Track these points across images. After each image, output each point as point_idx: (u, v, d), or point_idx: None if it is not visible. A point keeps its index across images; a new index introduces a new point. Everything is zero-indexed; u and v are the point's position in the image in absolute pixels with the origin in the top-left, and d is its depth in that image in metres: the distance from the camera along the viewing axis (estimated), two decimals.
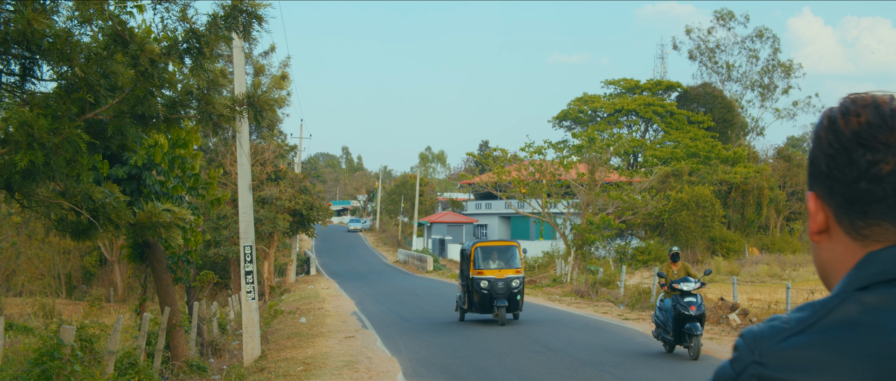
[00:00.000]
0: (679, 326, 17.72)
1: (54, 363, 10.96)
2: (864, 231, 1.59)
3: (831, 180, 1.62)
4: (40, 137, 9.27)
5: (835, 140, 1.62)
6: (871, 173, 1.55)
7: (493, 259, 26.66)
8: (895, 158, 1.54)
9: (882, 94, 1.64)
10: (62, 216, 11.76)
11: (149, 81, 9.85)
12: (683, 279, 18.32)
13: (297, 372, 16.09)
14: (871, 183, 1.56)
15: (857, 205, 1.58)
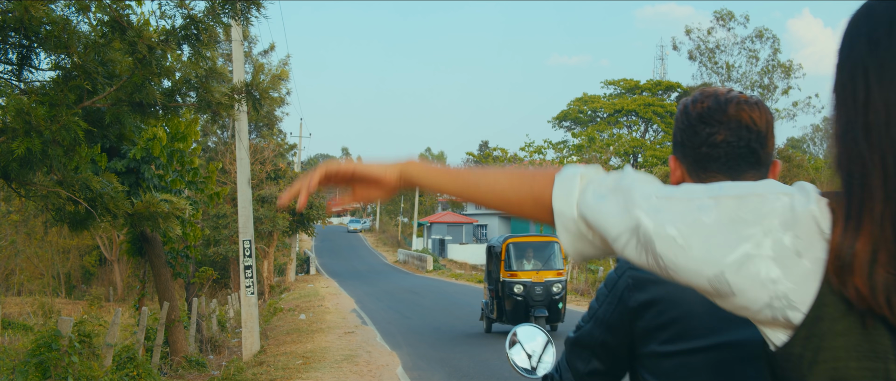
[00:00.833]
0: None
1: (52, 355, 10.88)
2: (705, 181, 2.17)
3: (684, 147, 2.27)
4: (38, 125, 9.20)
5: (686, 119, 2.28)
6: (709, 141, 2.21)
7: (528, 258, 22.24)
8: (726, 131, 2.20)
9: (721, 87, 2.30)
10: (60, 206, 11.69)
11: (147, 69, 9.78)
12: None
13: (296, 366, 16.04)
14: (709, 148, 2.22)
15: (700, 163, 2.23)
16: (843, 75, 1.58)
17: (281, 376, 14.96)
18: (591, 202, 1.67)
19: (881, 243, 1.42)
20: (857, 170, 1.49)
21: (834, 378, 1.46)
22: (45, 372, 10.79)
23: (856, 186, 1.48)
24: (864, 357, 1.44)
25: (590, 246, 1.72)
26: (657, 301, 2.16)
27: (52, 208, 11.92)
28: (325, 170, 1.97)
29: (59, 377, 10.79)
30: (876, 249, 1.43)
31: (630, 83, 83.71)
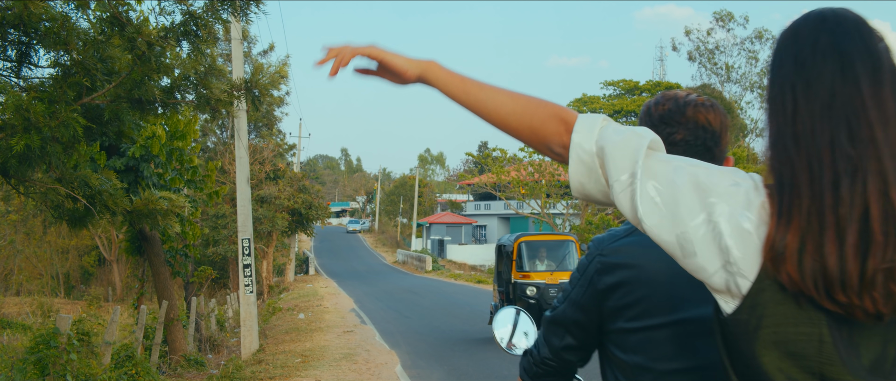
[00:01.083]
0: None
1: (50, 352, 10.87)
2: None
3: None
4: (36, 121, 9.19)
5: (649, 120, 2.55)
6: (669, 140, 2.48)
7: (541, 258, 20.72)
8: (684, 131, 2.50)
9: (681, 91, 2.58)
10: (59, 203, 11.67)
11: (146, 66, 9.76)
12: None
13: (295, 364, 16.02)
14: (669, 146, 2.46)
15: None
16: (774, 90, 1.90)
17: (280, 374, 14.94)
18: (611, 136, 1.93)
19: (808, 234, 1.71)
20: (788, 172, 1.78)
21: (776, 342, 1.76)
22: (43, 370, 10.76)
23: (786, 186, 1.77)
24: (801, 323, 1.74)
25: (593, 183, 1.96)
26: (623, 284, 2.43)
27: (51, 205, 11.91)
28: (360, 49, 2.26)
29: (58, 375, 10.77)
30: (804, 240, 1.71)
31: (629, 84, 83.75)
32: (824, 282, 1.70)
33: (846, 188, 1.71)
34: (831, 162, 1.74)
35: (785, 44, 1.93)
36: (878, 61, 1.81)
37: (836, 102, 1.78)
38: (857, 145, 1.74)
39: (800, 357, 1.76)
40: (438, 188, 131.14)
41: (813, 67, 1.82)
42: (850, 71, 1.79)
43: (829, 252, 1.70)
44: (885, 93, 1.78)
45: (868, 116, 1.75)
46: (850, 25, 1.88)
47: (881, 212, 1.70)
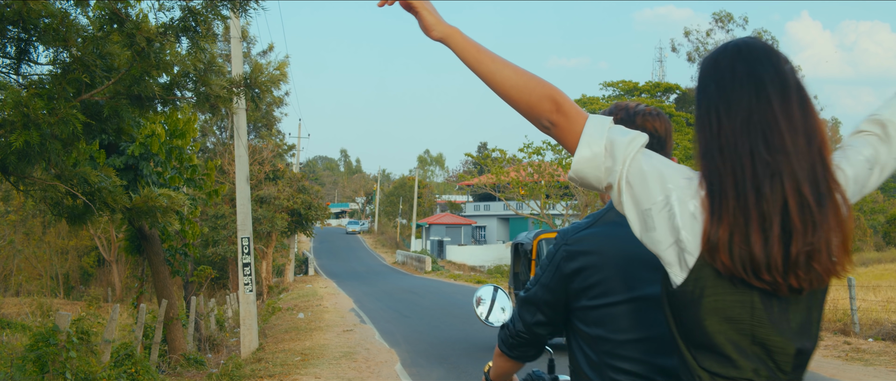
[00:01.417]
0: None
1: (50, 349, 10.84)
2: None
3: None
4: (36, 118, 9.17)
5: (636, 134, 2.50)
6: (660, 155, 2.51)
7: None
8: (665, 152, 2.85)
9: (631, 102, 3.00)
10: (58, 200, 11.66)
11: (145, 62, 9.76)
12: None
13: (294, 362, 16.00)
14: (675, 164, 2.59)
15: None
16: (701, 111, 2.29)
17: (279, 372, 14.92)
18: (619, 133, 2.33)
19: (736, 228, 2.12)
20: (716, 178, 2.18)
21: (715, 308, 2.18)
22: (42, 367, 10.74)
23: (716, 190, 2.17)
24: (736, 292, 2.17)
25: (595, 170, 2.33)
26: (584, 268, 2.84)
27: (50, 203, 11.89)
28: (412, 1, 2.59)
29: (57, 372, 10.75)
30: (732, 233, 2.12)
31: (629, 85, 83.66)
32: (752, 266, 2.12)
33: (767, 188, 2.13)
34: (752, 168, 2.16)
35: (707, 72, 2.33)
36: (786, 82, 2.22)
37: (753, 119, 2.19)
38: (774, 153, 2.16)
39: (735, 321, 2.18)
40: (438, 189, 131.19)
41: (732, 90, 2.23)
42: (762, 92, 2.20)
43: (755, 242, 2.12)
44: (792, 107, 2.20)
45: (780, 128, 2.17)
46: (761, 53, 2.27)
47: (797, 205, 2.12)
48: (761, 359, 2.21)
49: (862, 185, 2.43)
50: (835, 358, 15.94)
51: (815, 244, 2.13)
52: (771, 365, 2.21)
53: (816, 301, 2.25)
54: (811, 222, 2.13)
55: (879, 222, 77.97)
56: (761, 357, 2.21)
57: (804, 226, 2.12)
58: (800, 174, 2.15)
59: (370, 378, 14.09)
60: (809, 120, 2.21)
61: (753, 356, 2.20)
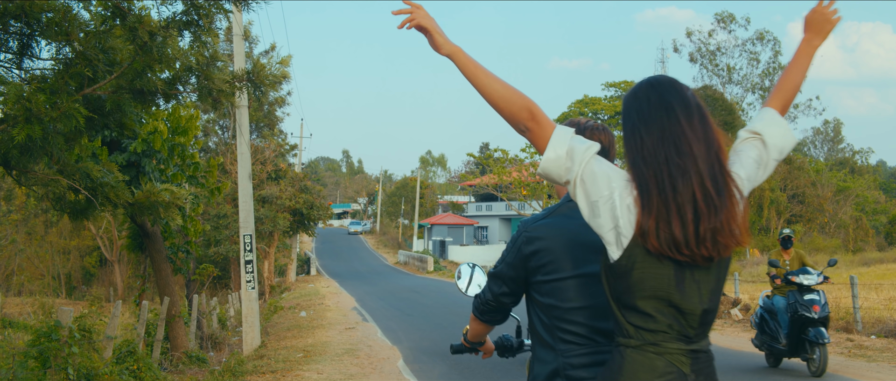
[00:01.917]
0: (797, 332, 14.10)
1: (52, 345, 10.81)
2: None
3: None
4: (38, 112, 9.16)
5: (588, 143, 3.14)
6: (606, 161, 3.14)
7: None
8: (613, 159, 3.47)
9: (582, 119, 3.79)
10: (60, 195, 11.65)
11: (148, 56, 9.74)
12: (802, 270, 14.56)
13: (297, 359, 15.98)
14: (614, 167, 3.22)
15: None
16: (627, 132, 3.02)
17: (282, 367, 14.89)
18: (578, 142, 3.06)
19: (660, 218, 2.83)
20: (643, 181, 2.90)
21: (641, 278, 2.90)
22: (44, 363, 10.71)
23: (643, 190, 2.89)
24: (658, 267, 2.89)
25: (557, 169, 3.06)
26: (539, 251, 3.54)
27: (53, 198, 11.88)
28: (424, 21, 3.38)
29: (59, 368, 10.72)
30: (658, 221, 2.83)
31: (630, 85, 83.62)
32: (674, 245, 2.84)
33: (681, 185, 2.87)
34: (668, 170, 2.89)
35: (630, 102, 3.10)
36: (689, 105, 2.99)
37: (666, 134, 2.94)
38: (683, 158, 2.89)
39: (656, 289, 2.90)
40: (440, 190, 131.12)
41: (649, 114, 3.00)
42: (672, 113, 2.97)
43: (675, 226, 2.84)
44: (694, 123, 2.96)
45: (687, 139, 2.92)
46: (669, 86, 3.07)
47: (703, 196, 2.87)
48: (675, 317, 2.93)
49: (752, 180, 3.19)
50: (838, 355, 15.93)
51: (717, 224, 2.87)
52: (683, 322, 2.94)
53: (722, 268, 3.01)
54: (714, 207, 2.88)
55: (881, 222, 77.94)
56: (675, 316, 2.93)
57: (709, 211, 2.87)
58: (703, 172, 2.90)
59: (372, 374, 14.07)
60: (708, 132, 2.97)
61: (669, 315, 2.93)
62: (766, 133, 3.29)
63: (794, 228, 67.18)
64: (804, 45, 3.64)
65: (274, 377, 13.65)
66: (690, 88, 3.06)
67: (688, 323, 2.93)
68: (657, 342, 2.94)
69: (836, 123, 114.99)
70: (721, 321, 22.55)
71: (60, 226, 49.21)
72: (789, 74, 3.57)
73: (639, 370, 2.94)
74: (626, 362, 2.97)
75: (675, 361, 2.94)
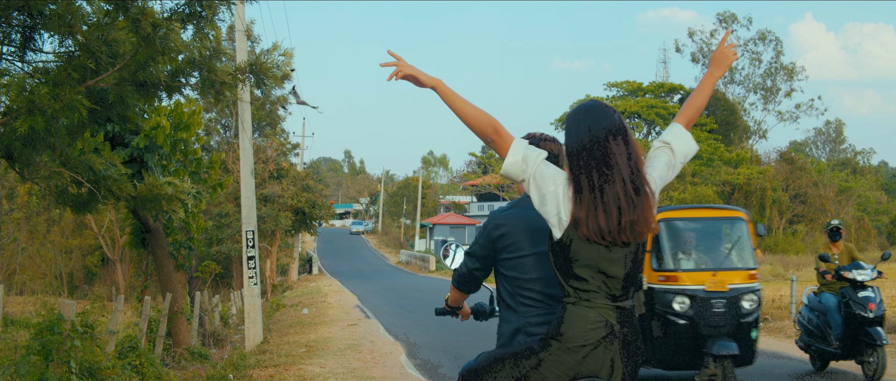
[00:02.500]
0: (852, 333, 12.90)
1: (54, 338, 10.79)
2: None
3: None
4: (41, 104, 9.16)
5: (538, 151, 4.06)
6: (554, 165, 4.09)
7: (688, 248, 12.73)
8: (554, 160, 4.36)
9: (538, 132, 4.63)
10: (63, 188, 11.64)
11: (151, 47, 9.73)
12: (854, 265, 13.31)
13: (299, 354, 15.97)
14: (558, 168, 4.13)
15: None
16: (568, 145, 3.93)
17: (284, 362, 14.89)
18: (531, 150, 4.01)
19: (589, 212, 3.72)
20: (577, 184, 3.81)
21: (577, 251, 3.81)
22: (47, 356, 10.70)
23: (578, 189, 3.78)
24: (589, 245, 3.81)
25: (515, 170, 4.04)
26: (504, 234, 4.49)
27: (55, 191, 11.87)
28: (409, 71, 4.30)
29: (61, 361, 10.71)
30: (589, 213, 3.73)
31: (633, 85, 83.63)
32: (599, 233, 3.78)
33: (607, 188, 3.81)
34: (598, 177, 3.83)
35: (570, 122, 4.04)
36: (615, 126, 3.92)
37: (595, 149, 3.87)
38: (610, 168, 3.83)
39: (589, 260, 3.87)
40: (442, 190, 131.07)
41: (584, 133, 3.93)
42: (601, 133, 3.89)
43: (601, 219, 3.78)
44: (619, 140, 3.88)
45: (613, 153, 3.85)
46: (600, 109, 4.00)
47: (624, 196, 3.79)
48: (603, 281, 3.94)
49: (663, 179, 4.17)
50: None
51: (635, 217, 3.85)
52: (609, 285, 3.95)
53: (639, 248, 4.00)
54: (632, 205, 3.85)
55: (883, 223, 77.94)
56: (603, 280, 3.94)
57: (629, 208, 3.85)
58: (625, 179, 3.87)
59: (375, 368, 14.07)
60: (629, 147, 3.93)
61: (598, 279, 3.93)
62: (673, 143, 4.28)
63: (797, 228, 67.23)
64: (707, 76, 4.50)
65: (276, 371, 13.64)
66: (616, 111, 4.05)
67: (613, 286, 3.96)
68: (590, 299, 3.94)
69: (838, 124, 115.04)
70: None
71: (62, 225, 49.21)
72: (694, 98, 4.46)
73: (576, 320, 3.92)
74: (567, 314, 3.96)
75: (604, 313, 3.94)
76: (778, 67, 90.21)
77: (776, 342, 17.05)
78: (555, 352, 3.95)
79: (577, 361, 3.92)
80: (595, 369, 3.94)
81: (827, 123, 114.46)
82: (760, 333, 19.11)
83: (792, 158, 74.89)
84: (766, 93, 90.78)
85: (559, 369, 3.95)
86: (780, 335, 18.33)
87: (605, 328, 3.90)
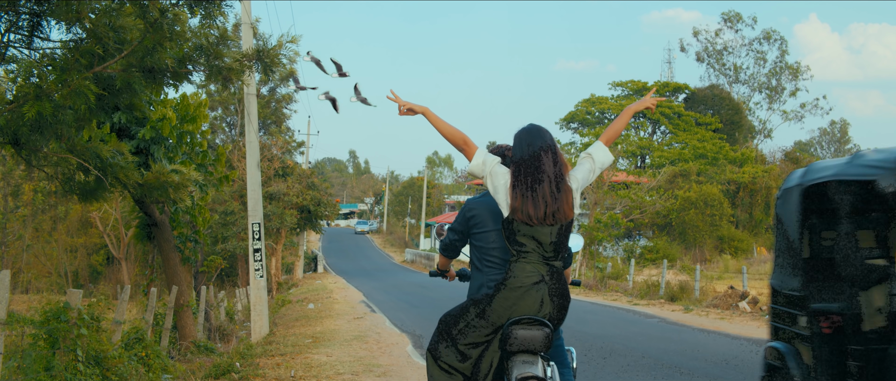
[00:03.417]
0: None
1: (61, 326, 10.81)
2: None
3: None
4: (48, 89, 9.17)
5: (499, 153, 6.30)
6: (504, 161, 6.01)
7: None
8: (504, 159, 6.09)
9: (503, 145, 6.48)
10: (69, 176, 11.65)
11: (158, 33, 9.74)
12: None
13: (305, 344, 15.96)
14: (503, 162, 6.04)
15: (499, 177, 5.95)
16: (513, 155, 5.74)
17: (291, 351, 14.88)
18: (489, 155, 5.89)
19: (523, 203, 5.56)
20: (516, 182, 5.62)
21: (518, 226, 5.60)
22: (53, 344, 10.71)
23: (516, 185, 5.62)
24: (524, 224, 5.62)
25: (478, 169, 5.84)
26: (474, 216, 6.17)
27: (62, 178, 11.88)
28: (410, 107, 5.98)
29: (68, 349, 10.71)
30: (522, 204, 5.56)
31: (638, 84, 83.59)
32: (530, 218, 5.50)
33: (538, 187, 5.54)
34: (531, 180, 5.55)
35: (515, 141, 5.73)
36: (546, 143, 5.65)
37: (532, 161, 5.59)
38: (541, 173, 5.57)
39: (527, 232, 5.54)
40: (446, 190, 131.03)
41: (524, 148, 5.65)
42: (536, 149, 5.62)
43: (530, 209, 5.49)
44: (549, 154, 5.63)
45: (544, 162, 5.59)
46: (537, 132, 5.71)
47: (549, 193, 5.54)
48: (537, 246, 5.56)
49: (585, 181, 5.85)
50: None
51: (556, 208, 5.51)
52: (542, 249, 5.57)
53: (564, 227, 5.61)
54: (554, 199, 5.51)
55: None
56: (537, 245, 5.56)
57: (552, 201, 5.50)
58: (551, 181, 5.54)
59: (382, 357, 14.07)
60: (556, 159, 5.61)
61: (534, 244, 5.56)
62: (594, 154, 6.03)
63: None
64: (626, 109, 6.21)
65: (283, 360, 13.63)
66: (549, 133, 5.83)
67: (545, 250, 5.62)
68: (528, 258, 5.62)
69: (843, 124, 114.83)
70: (729, 312, 22.50)
71: (68, 223, 49.23)
72: (615, 124, 6.18)
73: (517, 270, 5.62)
74: (512, 267, 5.65)
75: (537, 268, 5.61)
76: (783, 67, 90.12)
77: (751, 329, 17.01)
78: (502, 293, 5.64)
79: (517, 298, 5.59)
80: (529, 304, 5.58)
81: (832, 124, 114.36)
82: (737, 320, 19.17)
83: (797, 158, 74.69)
84: (771, 92, 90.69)
85: (504, 304, 5.62)
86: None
87: (537, 277, 5.61)
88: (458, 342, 5.84)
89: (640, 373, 12.23)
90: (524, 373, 5.50)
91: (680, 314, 22.89)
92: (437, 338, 6.06)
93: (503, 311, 5.59)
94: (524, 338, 5.53)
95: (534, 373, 5.50)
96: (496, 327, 5.68)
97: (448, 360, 5.87)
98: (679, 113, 79.39)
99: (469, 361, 5.81)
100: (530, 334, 5.52)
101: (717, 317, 21.39)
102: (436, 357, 5.97)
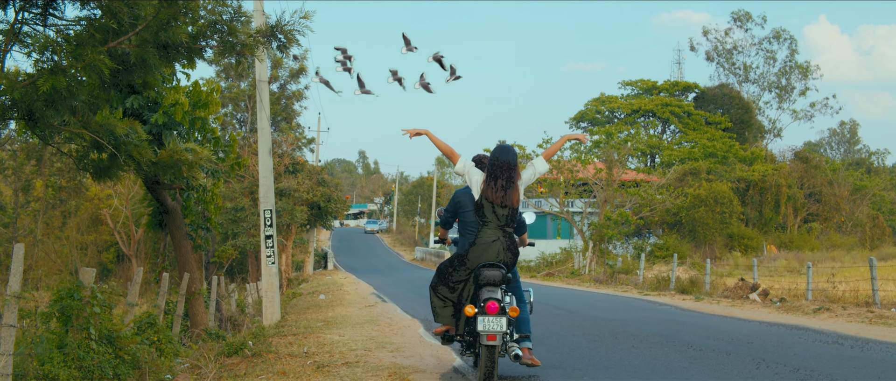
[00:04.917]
0: None
1: (74, 303, 10.82)
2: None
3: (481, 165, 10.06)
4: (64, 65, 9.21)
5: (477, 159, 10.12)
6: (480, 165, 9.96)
7: None
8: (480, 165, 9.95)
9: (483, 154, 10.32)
10: (83, 154, 11.68)
11: (173, 7, 9.78)
12: None
13: (318, 327, 16.00)
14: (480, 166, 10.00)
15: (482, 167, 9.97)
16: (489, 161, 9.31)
17: (304, 332, 14.92)
18: (469, 161, 9.71)
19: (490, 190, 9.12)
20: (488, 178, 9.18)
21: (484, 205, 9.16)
22: (66, 322, 10.72)
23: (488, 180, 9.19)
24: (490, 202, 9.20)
25: (461, 170, 9.50)
26: (460, 201, 9.80)
27: (76, 156, 11.91)
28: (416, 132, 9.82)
29: (81, 327, 10.72)
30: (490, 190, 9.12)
31: (647, 84, 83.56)
32: (493, 200, 9.08)
33: (500, 182, 9.09)
34: (497, 177, 9.12)
35: (492, 154, 9.28)
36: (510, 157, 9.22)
37: (500, 166, 9.13)
38: (503, 174, 9.12)
39: (490, 208, 9.11)
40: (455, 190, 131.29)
41: (497, 158, 9.19)
42: (502, 160, 9.15)
43: (492, 194, 9.09)
44: (509, 165, 9.14)
45: (506, 169, 9.13)
46: (506, 149, 9.29)
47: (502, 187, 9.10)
48: (496, 216, 9.07)
49: (529, 181, 9.39)
50: (859, 322, 15.95)
51: (506, 197, 9.05)
52: (499, 219, 9.08)
53: (512, 210, 9.08)
54: (505, 191, 9.05)
55: None
56: (495, 217, 9.07)
57: (504, 192, 9.05)
58: (507, 178, 9.08)
59: (394, 337, 14.10)
60: (513, 167, 9.12)
61: (494, 215, 9.07)
62: (535, 165, 9.50)
63: (812, 226, 66.97)
64: (563, 138, 9.61)
65: (296, 339, 13.67)
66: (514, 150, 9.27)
67: (500, 220, 8.99)
68: (490, 226, 8.98)
69: (853, 125, 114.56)
70: (740, 301, 22.50)
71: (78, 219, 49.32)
72: (554, 146, 9.62)
73: (484, 235, 8.94)
74: (480, 232, 9.00)
75: (496, 232, 8.97)
76: (793, 66, 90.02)
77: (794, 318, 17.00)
78: (474, 248, 9.01)
79: (483, 250, 8.96)
80: (491, 254, 8.93)
81: (841, 124, 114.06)
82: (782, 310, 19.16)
83: (807, 157, 74.54)
84: (781, 91, 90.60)
85: (476, 254, 8.97)
86: (797, 312, 18.39)
87: (495, 237, 8.98)
88: (449, 280, 9.26)
89: (652, 348, 12.26)
90: (488, 296, 8.72)
91: (691, 303, 22.92)
92: (436, 280, 9.40)
93: (475, 259, 9.02)
94: (488, 276, 8.82)
95: (494, 296, 8.71)
96: (471, 270, 9.08)
97: (443, 293, 9.30)
98: (689, 112, 79.29)
99: (456, 292, 9.22)
100: (492, 273, 8.83)
101: (729, 305, 21.43)
102: (436, 291, 9.39)
